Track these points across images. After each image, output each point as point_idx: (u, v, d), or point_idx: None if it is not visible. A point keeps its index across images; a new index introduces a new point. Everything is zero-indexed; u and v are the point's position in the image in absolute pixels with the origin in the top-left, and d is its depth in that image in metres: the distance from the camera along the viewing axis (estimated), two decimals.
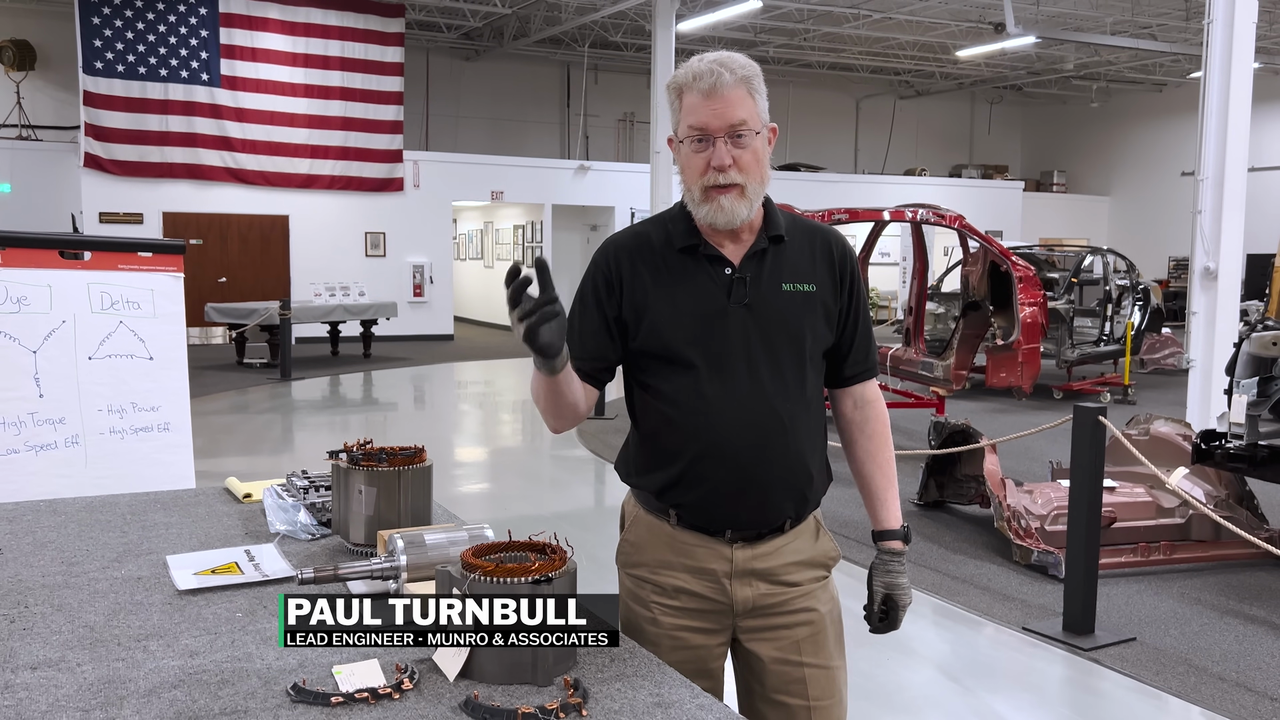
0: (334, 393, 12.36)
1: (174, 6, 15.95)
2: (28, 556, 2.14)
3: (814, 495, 1.99)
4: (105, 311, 3.60)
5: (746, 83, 1.85)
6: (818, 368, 1.98)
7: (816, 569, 2.00)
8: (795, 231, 1.98)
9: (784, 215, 2.00)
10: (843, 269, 1.98)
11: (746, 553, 1.93)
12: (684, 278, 1.91)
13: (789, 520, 1.95)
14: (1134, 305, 12.51)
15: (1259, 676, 4.11)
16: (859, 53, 20.40)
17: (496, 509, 6.94)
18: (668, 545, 1.95)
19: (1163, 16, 17.78)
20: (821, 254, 1.97)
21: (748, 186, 1.86)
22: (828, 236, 2.00)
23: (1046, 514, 5.51)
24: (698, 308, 1.89)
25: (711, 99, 1.83)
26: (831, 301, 1.96)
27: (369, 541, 2.09)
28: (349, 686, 1.50)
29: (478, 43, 20.22)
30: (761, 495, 1.91)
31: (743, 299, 1.89)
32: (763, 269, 1.92)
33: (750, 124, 1.84)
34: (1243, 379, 5.30)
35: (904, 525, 2.06)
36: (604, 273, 1.97)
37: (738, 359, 1.88)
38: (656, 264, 1.93)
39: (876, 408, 2.07)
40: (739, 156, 1.84)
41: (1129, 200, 25.23)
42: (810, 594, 1.98)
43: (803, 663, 1.96)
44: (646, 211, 17.90)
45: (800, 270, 1.94)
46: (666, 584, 1.96)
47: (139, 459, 3.62)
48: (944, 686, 4.09)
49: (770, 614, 1.96)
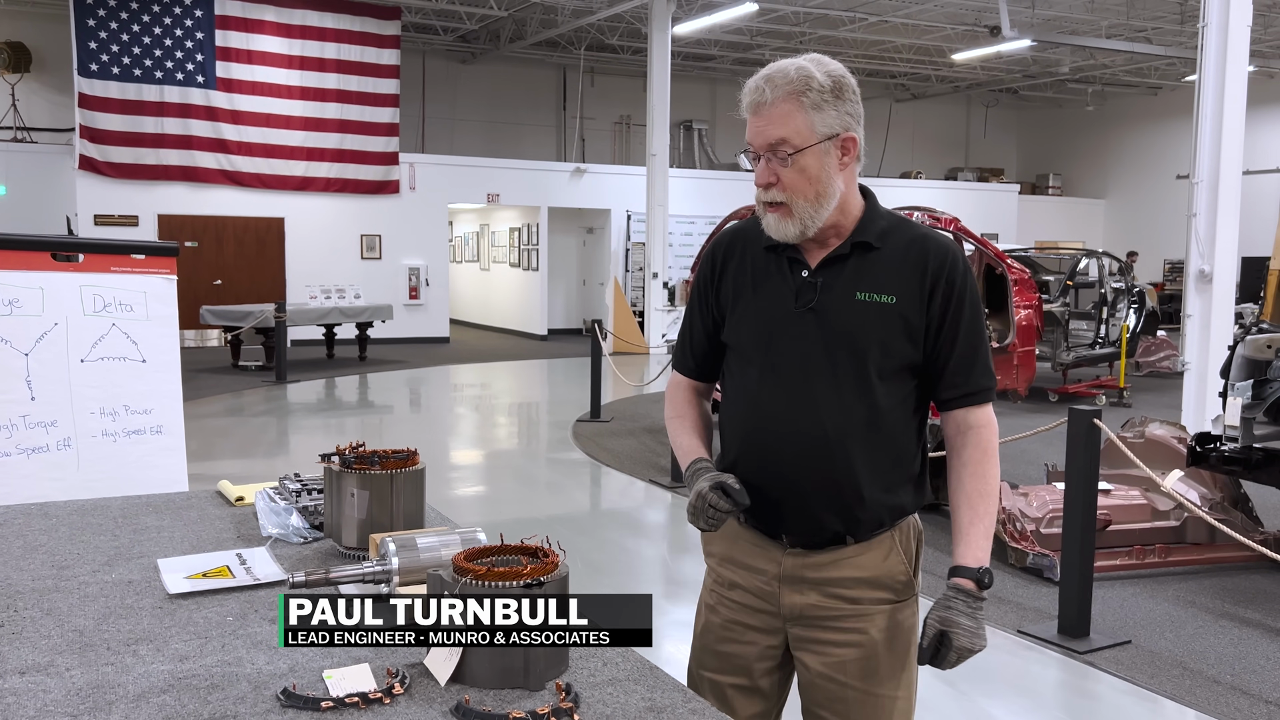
0: (329, 395, 12.34)
1: (169, 9, 15.94)
2: (18, 560, 2.13)
3: (869, 516, 1.87)
4: (98, 314, 3.59)
5: (794, 97, 1.77)
6: (896, 383, 1.86)
7: (880, 590, 1.89)
8: (895, 240, 1.87)
9: (892, 222, 1.89)
10: (935, 282, 1.83)
11: (799, 560, 1.90)
12: (765, 277, 1.91)
13: (845, 535, 1.88)
14: (1129, 308, 12.53)
15: (1254, 679, 4.11)
16: (855, 56, 20.41)
17: (490, 512, 6.93)
18: (731, 540, 1.97)
19: (1158, 20, 17.82)
20: (914, 265, 1.84)
21: (794, 205, 1.80)
22: (927, 246, 1.86)
23: (1042, 517, 5.51)
24: (768, 309, 1.89)
25: (756, 116, 1.80)
26: (915, 316, 1.83)
27: (361, 545, 2.08)
28: (339, 691, 1.49)
29: (474, 45, 20.22)
30: (801, 506, 1.87)
31: (809, 303, 1.85)
32: (839, 275, 1.85)
33: (792, 141, 1.77)
34: (1237, 382, 5.30)
35: (983, 568, 1.85)
36: (708, 266, 2.01)
37: (795, 365, 1.85)
38: (749, 261, 1.94)
39: (977, 434, 1.89)
40: (782, 174, 1.79)
41: (1124, 203, 25.28)
42: (866, 615, 1.89)
43: (848, 684, 1.89)
44: (642, 214, 17.91)
45: (881, 280, 1.84)
46: (725, 577, 1.98)
47: (131, 462, 3.60)
48: (938, 690, 4.08)
49: (819, 626, 1.90)
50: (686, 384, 2.09)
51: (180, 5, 16.01)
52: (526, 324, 19.97)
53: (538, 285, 19.40)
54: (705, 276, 2.01)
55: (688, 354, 2.06)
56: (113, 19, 15.61)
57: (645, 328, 17.49)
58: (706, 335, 2.01)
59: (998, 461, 1.92)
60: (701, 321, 2.02)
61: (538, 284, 19.40)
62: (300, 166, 17.08)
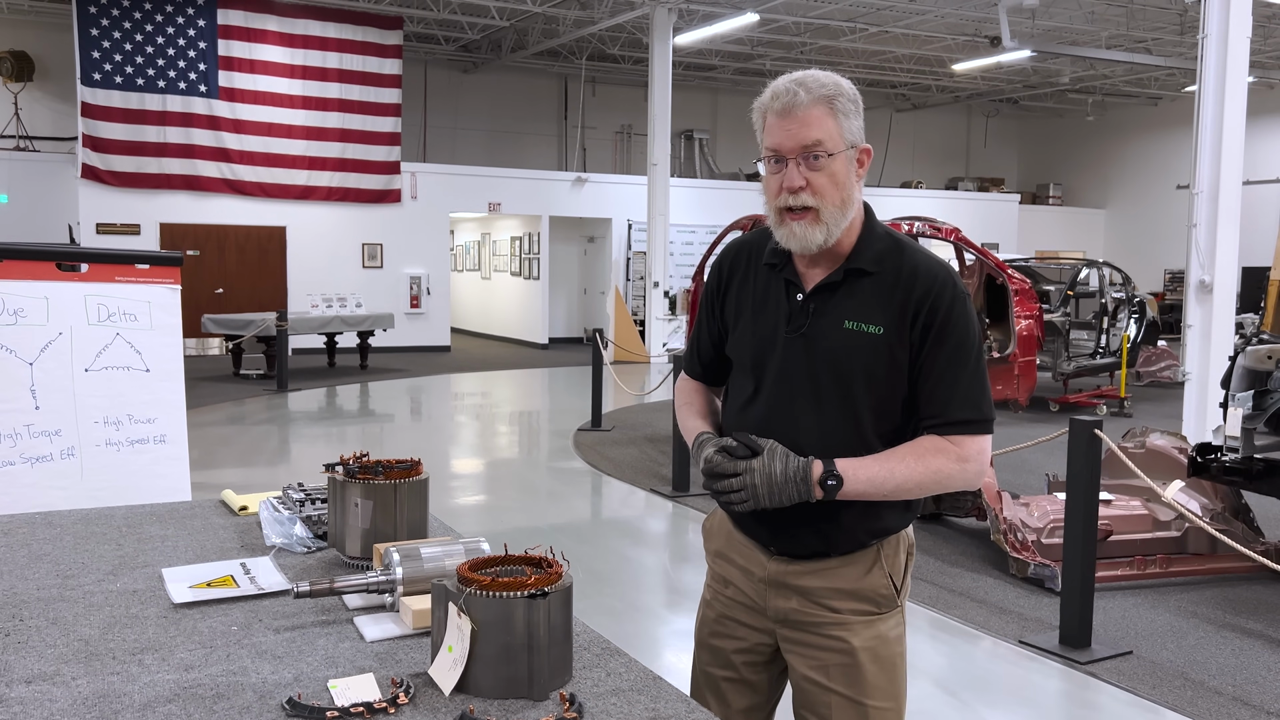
0: (330, 404, 12.34)
1: (172, 18, 15.99)
2: (23, 569, 2.13)
3: (845, 536, 1.89)
4: (102, 323, 3.60)
5: (827, 102, 1.78)
6: (884, 410, 1.86)
7: (861, 602, 1.92)
8: (889, 265, 1.85)
9: (890, 245, 1.88)
10: (918, 311, 1.82)
11: (783, 566, 1.95)
12: (764, 295, 1.95)
13: (824, 550, 1.91)
14: (1130, 318, 12.53)
15: (1255, 690, 4.11)
16: (855, 66, 20.46)
17: (493, 521, 6.93)
18: (726, 538, 2.04)
19: (1158, 31, 17.86)
20: (901, 294, 1.83)
21: (823, 211, 1.80)
22: (915, 275, 1.84)
23: (1043, 527, 5.51)
24: (762, 330, 1.93)
25: (786, 119, 1.79)
26: (900, 347, 1.83)
27: (365, 555, 2.09)
28: (344, 701, 1.49)
29: (476, 55, 20.27)
30: (778, 522, 1.89)
31: (800, 329, 1.87)
32: (830, 301, 1.86)
33: (826, 145, 1.78)
34: (1238, 392, 5.31)
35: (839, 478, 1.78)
36: (715, 279, 2.06)
37: (781, 386, 1.89)
38: (752, 279, 1.98)
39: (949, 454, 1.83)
40: (812, 179, 1.79)
41: (1125, 213, 25.31)
42: (847, 625, 1.92)
43: (832, 689, 1.92)
44: (643, 223, 17.93)
45: (869, 310, 1.84)
46: (720, 573, 2.06)
47: (135, 471, 3.61)
48: (940, 700, 4.08)
49: (804, 630, 1.95)
50: (695, 383, 2.17)
51: (183, 15, 16.06)
52: (527, 333, 19.98)
53: (539, 294, 19.42)
54: (712, 289, 2.06)
55: (695, 361, 2.14)
56: (116, 28, 15.66)
57: (646, 337, 17.50)
58: (713, 345, 2.08)
59: (946, 477, 1.84)
60: (709, 333, 2.09)
61: (539, 293, 19.42)
62: (302, 175, 17.11)
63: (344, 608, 1.90)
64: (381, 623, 1.82)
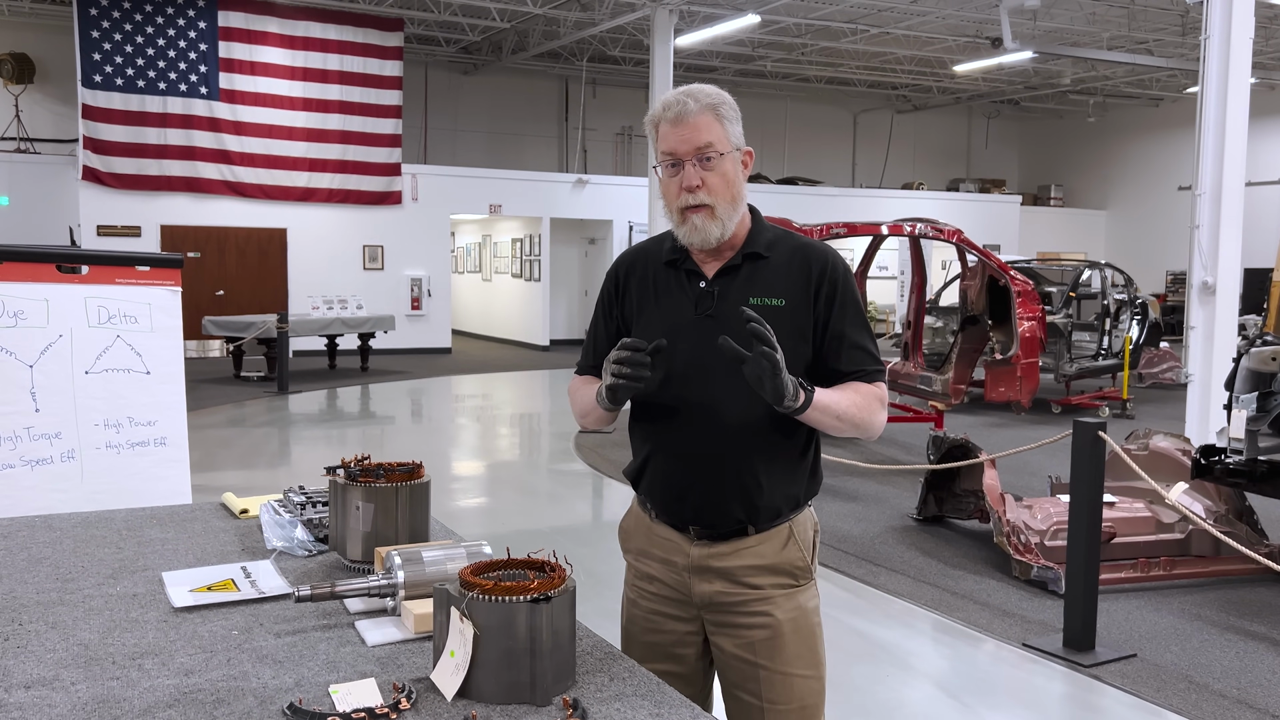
0: (331, 406, 12.34)
1: (173, 20, 15.99)
2: (22, 573, 2.12)
3: (767, 505, 2.03)
4: (102, 326, 3.59)
5: (713, 109, 1.98)
6: None
7: (780, 576, 2.05)
8: (781, 249, 2.06)
9: (777, 234, 2.09)
10: (820, 283, 2.03)
11: (705, 550, 2.05)
12: (665, 290, 2.09)
13: (747, 524, 2.03)
14: (1132, 319, 12.52)
15: (1259, 693, 4.09)
16: (856, 67, 20.45)
17: (495, 524, 6.92)
18: (646, 535, 2.14)
19: (1159, 32, 17.85)
20: (799, 269, 2.04)
21: (717, 207, 1.98)
22: (809, 253, 2.06)
23: (1046, 529, 5.49)
24: (669, 318, 2.05)
25: (679, 126, 1.97)
26: (804, 316, 2.02)
27: (366, 558, 2.08)
28: (346, 706, 1.48)
29: (476, 57, 20.27)
30: (704, 497, 2.03)
31: (707, 310, 2.03)
32: (733, 284, 2.03)
33: (717, 146, 1.97)
34: (1242, 394, 5.29)
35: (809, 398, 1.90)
36: (611, 283, 2.18)
37: (696, 367, 2.01)
38: (651, 276, 2.12)
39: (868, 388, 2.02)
40: (707, 178, 1.97)
41: (1126, 215, 25.29)
42: (769, 599, 2.04)
43: (757, 663, 2.04)
44: (644, 225, 17.92)
45: (772, 285, 2.02)
46: (643, 570, 2.15)
47: (135, 474, 3.60)
48: (943, 703, 4.07)
49: (728, 611, 2.05)
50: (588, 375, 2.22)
51: (184, 17, 16.06)
52: (528, 335, 19.98)
53: (539, 296, 19.41)
54: (609, 292, 2.18)
55: (590, 356, 2.21)
56: (116, 30, 15.66)
57: None
58: (609, 339, 2.14)
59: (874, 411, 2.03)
60: (605, 331, 2.17)
61: (539, 295, 19.41)
62: (303, 177, 17.11)
63: (345, 612, 1.90)
64: (383, 627, 1.81)
